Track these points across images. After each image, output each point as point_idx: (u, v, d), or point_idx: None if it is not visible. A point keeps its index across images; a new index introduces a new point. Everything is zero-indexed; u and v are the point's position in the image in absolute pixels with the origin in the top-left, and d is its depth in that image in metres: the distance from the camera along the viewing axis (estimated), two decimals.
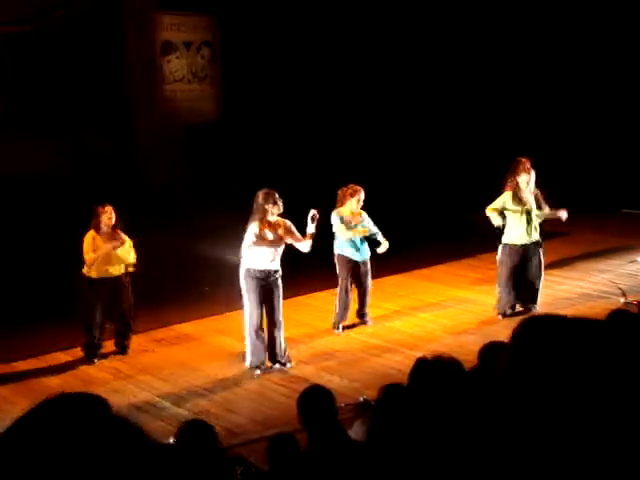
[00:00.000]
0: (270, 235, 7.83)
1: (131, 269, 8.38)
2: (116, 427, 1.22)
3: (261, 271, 7.88)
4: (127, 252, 8.30)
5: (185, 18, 15.23)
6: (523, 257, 9.22)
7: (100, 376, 8.03)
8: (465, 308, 9.81)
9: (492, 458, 1.50)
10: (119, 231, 8.28)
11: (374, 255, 9.14)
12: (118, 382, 7.86)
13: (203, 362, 8.33)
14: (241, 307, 9.71)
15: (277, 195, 7.81)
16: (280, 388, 7.67)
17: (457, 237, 12.55)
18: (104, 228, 8.16)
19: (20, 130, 13.05)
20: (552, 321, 1.51)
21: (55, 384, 7.77)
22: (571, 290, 10.37)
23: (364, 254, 9.03)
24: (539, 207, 9.23)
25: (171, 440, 5.02)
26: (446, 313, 9.69)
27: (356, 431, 4.78)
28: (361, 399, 6.49)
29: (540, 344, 1.46)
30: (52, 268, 10.14)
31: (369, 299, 9.26)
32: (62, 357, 8.50)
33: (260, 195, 7.82)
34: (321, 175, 10.05)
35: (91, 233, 8.20)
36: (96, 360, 8.30)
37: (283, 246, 7.96)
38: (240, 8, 14.95)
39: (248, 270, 7.89)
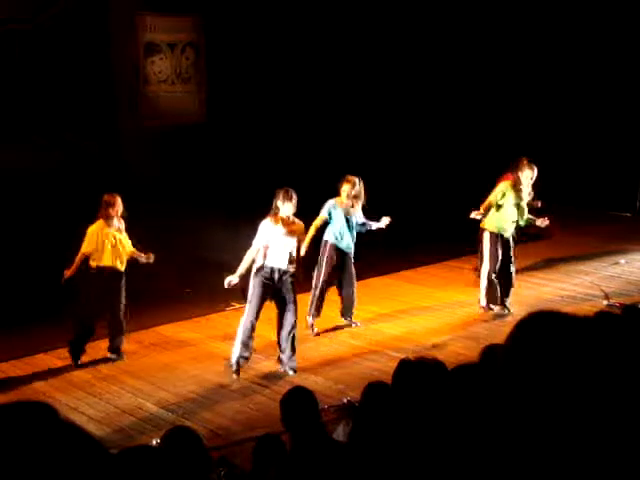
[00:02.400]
0: (280, 231, 7.78)
1: (141, 255, 8.27)
2: (63, 434, 1.21)
3: (270, 269, 7.82)
4: (127, 244, 8.26)
5: (169, 19, 15.20)
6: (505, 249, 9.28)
7: (84, 378, 7.98)
8: (452, 310, 9.83)
9: (485, 455, 1.50)
10: (123, 221, 8.21)
11: (363, 256, 9.16)
12: (102, 384, 7.82)
13: (186, 364, 8.30)
14: (222, 309, 9.74)
15: (293, 194, 7.77)
16: (264, 389, 7.67)
17: (442, 239, 12.57)
18: (111, 218, 8.10)
19: (5, 129, 12.97)
20: (551, 318, 1.52)
21: (39, 386, 7.72)
22: (554, 292, 10.41)
23: (350, 245, 9.05)
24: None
25: (154, 442, 5.01)
26: (432, 315, 9.71)
27: (339, 433, 4.78)
28: (345, 401, 6.51)
29: (541, 340, 1.47)
30: (36, 269, 10.08)
31: (355, 300, 9.26)
32: (46, 359, 8.44)
33: (276, 193, 7.82)
34: (309, 176, 10.05)
35: (95, 225, 8.07)
36: (77, 362, 8.21)
37: (294, 244, 7.89)
38: (224, 9, 14.93)
39: (258, 267, 7.84)
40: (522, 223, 9.41)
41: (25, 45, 13.18)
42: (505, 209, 9.12)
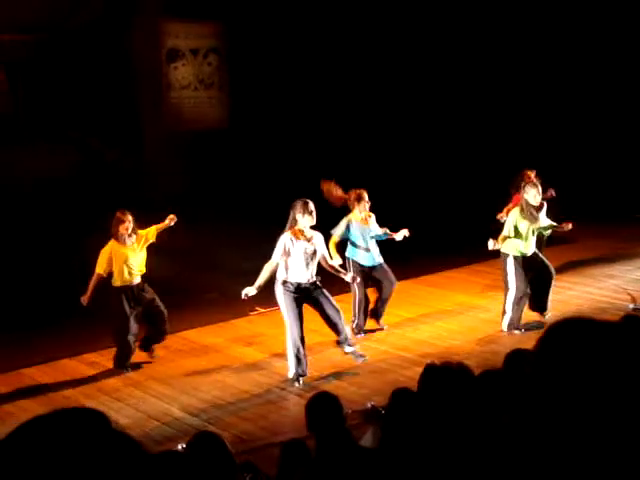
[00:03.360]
0: (301, 246, 7.68)
1: (168, 222, 8.34)
2: (114, 442, 1.23)
3: (295, 284, 7.74)
4: (148, 235, 8.30)
5: (191, 25, 15.28)
6: (530, 268, 9.09)
7: (112, 384, 8.04)
8: (475, 314, 9.79)
9: (511, 462, 1.50)
10: (137, 234, 8.25)
11: (385, 261, 9.16)
12: (128, 389, 7.88)
13: (211, 369, 8.34)
14: (247, 314, 9.76)
15: (311, 205, 7.63)
16: (288, 395, 7.68)
17: (462, 242, 12.52)
18: (122, 235, 8.15)
19: (30, 137, 13.10)
20: (580, 324, 1.52)
21: (68, 392, 7.79)
22: (580, 296, 10.35)
23: (376, 259, 9.04)
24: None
25: (179, 447, 5.03)
26: (456, 320, 9.67)
27: (368, 439, 4.78)
28: (369, 405, 6.49)
29: (571, 346, 1.47)
30: (58, 275, 10.16)
31: (385, 305, 9.25)
32: (73, 364, 8.51)
33: (294, 204, 7.70)
34: (332, 181, 10.04)
35: (110, 244, 8.15)
36: (128, 370, 8.28)
37: (318, 256, 7.79)
38: (246, 14, 14.99)
39: (283, 282, 7.75)
40: (546, 234, 9.32)
41: (49, 52, 13.30)
42: (522, 233, 8.95)
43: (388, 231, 9.09)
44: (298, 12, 15.12)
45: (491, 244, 8.75)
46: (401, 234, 9.04)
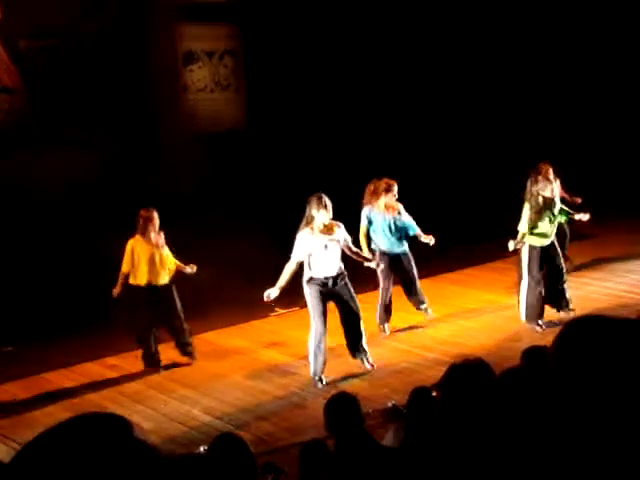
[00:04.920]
0: (320, 242, 7.64)
1: (185, 267, 8.35)
2: (133, 450, 1.24)
3: (321, 280, 7.72)
4: (169, 257, 8.32)
5: (207, 28, 15.31)
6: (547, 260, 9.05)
7: (134, 387, 8.08)
8: (497, 313, 9.72)
9: (535, 461, 1.50)
10: (162, 235, 8.27)
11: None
12: (150, 392, 7.91)
13: (232, 371, 8.37)
14: (267, 315, 9.78)
15: (326, 199, 7.57)
16: (309, 395, 7.69)
17: (482, 240, 12.46)
18: (149, 233, 8.16)
19: (47, 142, 13.18)
20: (598, 322, 1.52)
21: (91, 395, 7.83)
22: (600, 291, 10.29)
23: (401, 247, 9.04)
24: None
25: (201, 450, 5.05)
26: (479, 318, 9.63)
27: (389, 438, 4.78)
28: (389, 404, 6.50)
29: (587, 344, 1.46)
30: (79, 278, 10.21)
31: (419, 286, 9.26)
32: (94, 368, 8.56)
33: (309, 201, 7.66)
34: (350, 182, 10.03)
35: (133, 241, 8.17)
36: (161, 369, 8.31)
37: (339, 249, 7.76)
38: (262, 16, 15.01)
39: (309, 280, 7.73)
40: (562, 220, 9.28)
41: (66, 57, 13.37)
42: (539, 225, 8.88)
43: (419, 232, 9.09)
44: (314, 13, 15.13)
45: (511, 245, 8.72)
46: (427, 239, 9.05)
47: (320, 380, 7.83)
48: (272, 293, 7.68)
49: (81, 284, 10.05)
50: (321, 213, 7.57)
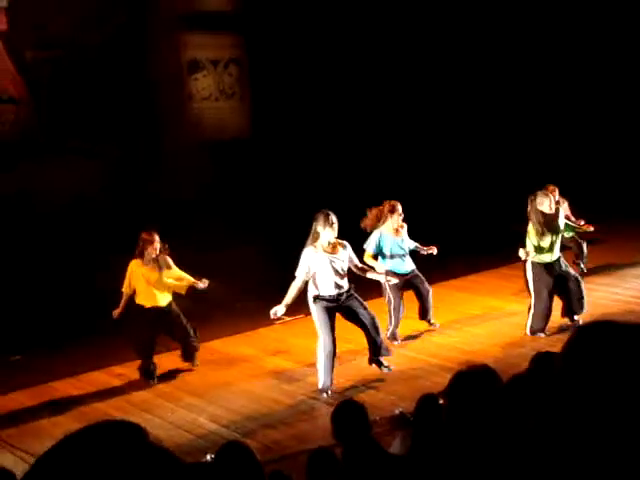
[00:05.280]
0: (326, 259, 7.59)
1: (197, 282, 8.34)
2: (152, 455, 1.24)
3: (327, 297, 7.68)
4: (175, 278, 8.31)
5: (211, 37, 15.35)
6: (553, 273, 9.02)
7: (139, 395, 8.09)
8: (505, 319, 9.69)
9: (538, 464, 1.49)
10: (166, 257, 8.27)
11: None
12: (157, 401, 7.91)
13: (238, 379, 8.37)
14: (273, 323, 9.77)
15: (333, 217, 7.52)
16: (316, 403, 7.68)
17: (490, 247, 12.46)
18: (148, 256, 8.17)
19: (51, 151, 13.22)
20: (609, 327, 1.51)
21: (98, 405, 7.83)
22: (608, 297, 10.26)
23: (410, 265, 9.07)
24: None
25: (208, 457, 5.04)
26: (485, 325, 9.61)
27: (397, 446, 4.77)
28: (397, 412, 6.47)
29: (597, 350, 1.46)
30: (85, 286, 10.24)
31: (430, 303, 9.29)
32: (101, 377, 8.57)
33: (315, 217, 7.61)
34: (354, 191, 10.05)
35: (133, 264, 8.20)
36: (154, 381, 8.33)
37: (345, 266, 7.71)
38: (267, 25, 15.05)
39: (314, 297, 7.68)
40: (567, 235, 9.25)
41: (71, 67, 13.42)
42: (545, 247, 8.81)
43: (419, 246, 9.12)
44: (318, 22, 15.16)
45: (522, 253, 8.70)
46: (429, 250, 9.08)
47: (327, 392, 7.81)
48: (279, 310, 7.64)
49: (86, 294, 10.07)
50: (327, 231, 7.53)
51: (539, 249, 8.83)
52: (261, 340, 9.50)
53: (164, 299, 8.29)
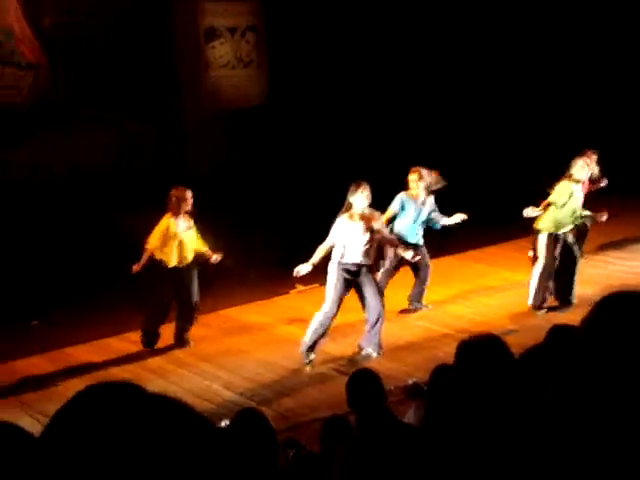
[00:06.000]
0: (357, 228, 7.68)
1: (211, 255, 8.33)
2: (158, 405, 1.23)
3: (350, 266, 7.73)
4: (195, 240, 8.32)
5: (229, 4, 15.24)
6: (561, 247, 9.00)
7: (155, 361, 8.15)
8: (519, 290, 9.62)
9: (557, 435, 1.49)
10: (189, 216, 8.26)
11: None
12: (171, 367, 7.97)
13: (253, 347, 8.40)
14: (287, 292, 9.80)
15: (365, 186, 7.63)
16: (331, 372, 7.71)
17: (506, 218, 12.39)
18: (182, 212, 8.15)
19: (68, 118, 13.21)
20: (631, 298, 1.50)
21: (114, 370, 7.88)
22: (623, 270, 10.22)
23: (420, 239, 9.05)
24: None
25: (223, 424, 5.09)
26: (499, 296, 9.59)
27: (410, 416, 4.79)
28: (411, 382, 6.50)
29: (621, 320, 1.45)
30: (100, 255, 10.26)
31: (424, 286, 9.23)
32: (117, 343, 8.62)
33: (349, 187, 7.70)
34: (373, 161, 9.99)
35: (165, 219, 8.14)
36: (152, 347, 8.36)
37: (373, 238, 7.79)
38: None
39: (337, 264, 7.73)
40: (577, 222, 9.11)
41: (89, 34, 13.38)
42: (568, 207, 8.79)
43: (445, 217, 9.09)
44: None
45: (530, 211, 8.66)
46: (457, 217, 9.03)
47: (310, 361, 7.83)
48: (303, 269, 7.74)
49: (103, 262, 10.10)
50: (360, 200, 7.63)
51: (558, 219, 8.79)
52: (276, 308, 9.52)
53: (187, 259, 8.29)
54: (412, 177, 8.87)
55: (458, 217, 9.06)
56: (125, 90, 13.65)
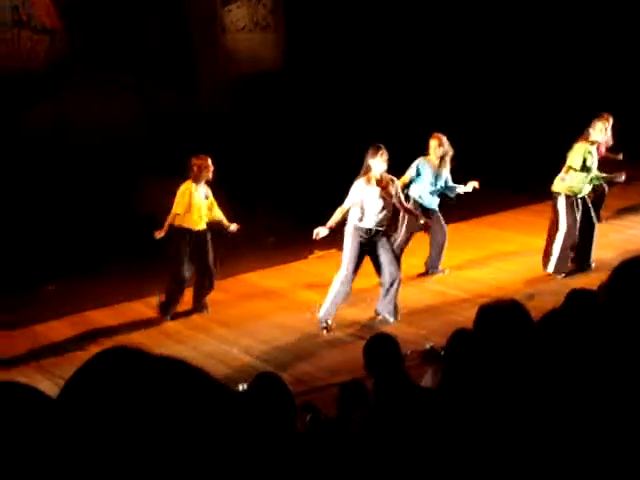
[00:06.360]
0: (374, 193, 7.69)
1: (228, 225, 8.35)
2: (173, 369, 1.23)
3: (366, 229, 7.75)
4: (213, 207, 8.34)
5: None
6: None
7: (173, 326, 8.20)
8: (536, 256, 9.57)
9: (580, 399, 1.48)
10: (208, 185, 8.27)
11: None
12: (190, 332, 8.02)
13: (271, 312, 8.43)
14: (306, 257, 9.81)
15: (383, 150, 7.64)
16: (348, 337, 7.74)
17: (524, 183, 12.30)
18: (204, 179, 8.17)
19: (85, 82, 13.18)
20: None
21: (133, 334, 7.92)
22: None
23: (435, 203, 9.07)
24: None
25: (241, 388, 5.12)
26: (517, 261, 9.55)
27: (427, 380, 4.80)
28: (428, 346, 6.51)
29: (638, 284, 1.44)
30: (119, 218, 10.27)
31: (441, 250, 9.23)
32: (137, 307, 8.66)
33: (367, 151, 7.70)
34: (390, 127, 9.91)
35: (186, 186, 8.15)
36: (168, 318, 8.34)
37: (390, 203, 7.81)
38: None
39: (354, 227, 7.76)
40: (594, 183, 9.04)
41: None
42: (587, 169, 8.72)
43: (459, 188, 9.06)
44: None
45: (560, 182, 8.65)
46: (470, 186, 9.01)
47: (326, 327, 7.86)
48: (321, 232, 7.73)
49: (121, 225, 10.11)
50: (378, 164, 7.64)
51: (575, 181, 8.73)
52: (294, 273, 9.54)
53: (203, 223, 8.30)
54: (433, 142, 8.85)
55: (471, 185, 9.03)
56: (141, 54, 13.59)
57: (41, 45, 12.77)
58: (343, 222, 7.82)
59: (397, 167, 8.38)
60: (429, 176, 8.88)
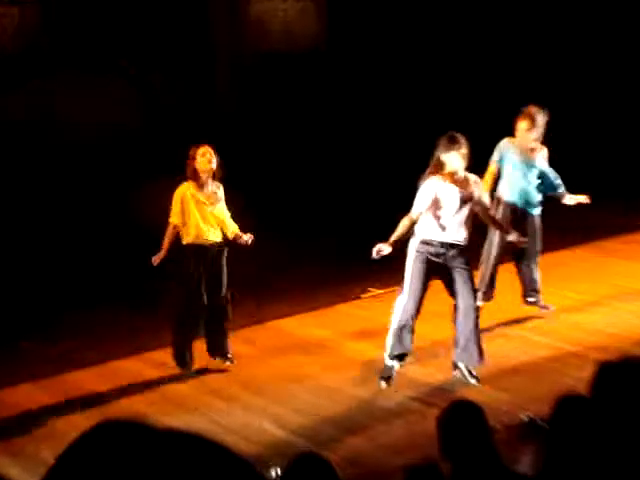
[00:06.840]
0: (452, 193, 7.67)
1: (240, 235, 8.34)
2: (186, 449, 1.24)
3: (433, 243, 7.75)
4: (224, 214, 8.34)
5: None
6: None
7: (181, 389, 8.21)
8: None
9: None
10: (218, 183, 8.29)
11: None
12: (205, 398, 8.03)
13: (311, 370, 8.45)
14: (357, 297, 9.82)
15: (461, 140, 7.56)
16: (413, 403, 7.70)
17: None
18: (203, 176, 8.22)
19: (62, 64, 13.45)
20: None
21: (125, 401, 7.95)
22: None
23: (531, 200, 9.00)
24: None
25: (273, 474, 5.12)
26: None
27: (524, 463, 4.76)
28: (524, 417, 6.46)
29: None
30: (115, 237, 10.41)
31: (538, 272, 9.16)
32: (131, 366, 8.69)
33: (439, 142, 7.64)
34: (444, 115, 9.94)
35: (183, 188, 8.20)
36: (189, 371, 8.34)
37: (469, 209, 7.77)
38: None
39: (419, 241, 7.77)
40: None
41: None
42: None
43: (567, 198, 9.02)
44: None
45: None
46: (576, 199, 8.94)
47: (388, 377, 7.85)
48: (384, 248, 7.65)
49: (117, 248, 10.23)
50: (454, 159, 7.57)
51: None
52: (341, 319, 9.55)
53: (214, 234, 8.27)
54: (521, 125, 8.76)
55: (582, 198, 8.99)
56: (131, 34, 13.81)
57: (8, 19, 13.05)
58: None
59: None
60: (517, 165, 8.86)
